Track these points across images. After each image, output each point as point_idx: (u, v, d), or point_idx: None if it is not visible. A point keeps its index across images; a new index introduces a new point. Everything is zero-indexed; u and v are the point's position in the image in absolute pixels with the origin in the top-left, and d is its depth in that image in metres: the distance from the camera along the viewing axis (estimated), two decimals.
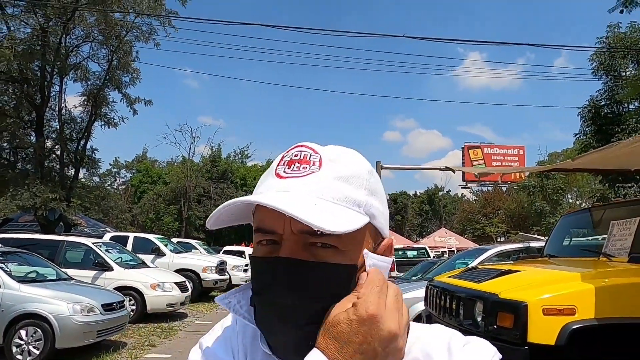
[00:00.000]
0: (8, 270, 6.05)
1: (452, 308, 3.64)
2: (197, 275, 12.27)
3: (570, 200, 28.18)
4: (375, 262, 0.56)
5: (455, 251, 18.28)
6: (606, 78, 16.98)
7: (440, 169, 5.52)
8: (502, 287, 3.18)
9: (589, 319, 2.83)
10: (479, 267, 4.80)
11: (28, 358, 5.47)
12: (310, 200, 0.53)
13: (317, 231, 0.50)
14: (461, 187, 33.67)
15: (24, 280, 6.15)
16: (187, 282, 10.15)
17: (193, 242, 17.54)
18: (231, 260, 15.66)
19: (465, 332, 0.69)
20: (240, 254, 19.67)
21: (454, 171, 5.83)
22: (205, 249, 16.62)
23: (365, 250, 0.56)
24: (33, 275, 6.64)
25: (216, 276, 12.66)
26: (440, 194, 53.43)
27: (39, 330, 5.55)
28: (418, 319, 5.13)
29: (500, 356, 0.57)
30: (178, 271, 11.28)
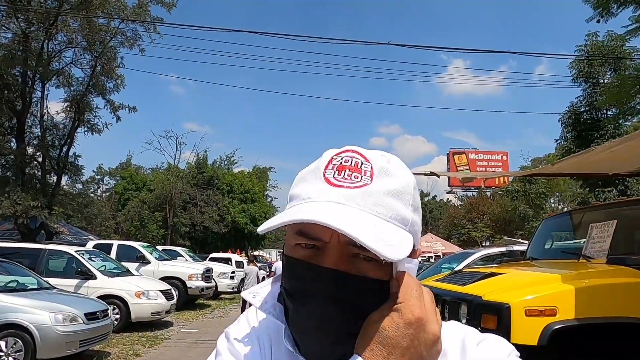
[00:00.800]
0: None
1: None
2: (183, 282, 12.14)
3: (553, 205, 28.72)
4: (407, 266, 0.56)
5: (441, 256, 18.45)
6: (585, 85, 17.45)
7: (425, 174, 5.59)
8: (485, 290, 3.23)
9: (570, 319, 2.90)
10: (464, 270, 4.87)
11: None
12: (369, 220, 0.53)
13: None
14: (447, 193, 34.10)
15: (3, 289, 6.00)
16: (172, 290, 10.03)
17: (179, 249, 17.33)
18: (217, 268, 15.54)
19: None
20: (227, 260, 19.51)
21: (438, 176, 5.91)
22: (191, 256, 16.43)
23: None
24: (13, 284, 6.48)
25: (202, 283, 12.53)
26: (426, 199, 53.88)
27: (19, 340, 5.42)
28: None
29: (518, 353, 0.56)
30: (163, 279, 11.14)
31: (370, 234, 0.50)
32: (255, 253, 37.50)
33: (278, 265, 18.87)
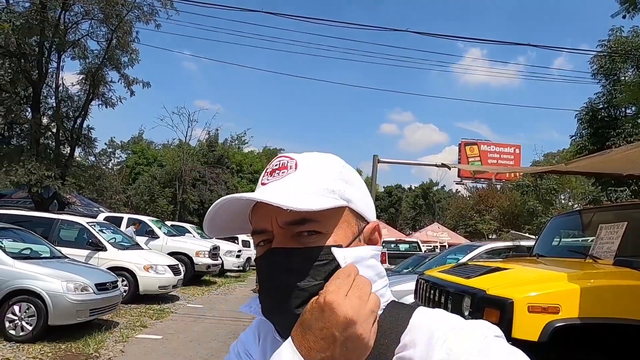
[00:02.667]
0: (2, 246, 6.08)
1: (440, 302, 3.72)
2: (190, 259, 12.34)
3: (563, 201, 28.44)
4: (346, 254, 0.59)
5: (447, 246, 18.47)
6: (605, 81, 17.04)
7: (437, 165, 5.57)
8: (490, 284, 3.26)
9: (572, 317, 2.92)
10: (469, 263, 4.90)
11: (21, 333, 5.53)
12: (283, 191, 0.60)
13: (300, 219, 0.58)
14: (456, 183, 33.90)
15: (18, 256, 6.17)
16: (179, 265, 10.22)
17: (187, 225, 17.57)
18: (224, 246, 15.74)
19: None
20: (234, 239, 19.74)
21: (449, 168, 5.89)
22: (199, 233, 16.66)
23: (333, 248, 0.59)
24: (27, 252, 6.66)
25: (209, 261, 12.74)
26: (435, 188, 53.64)
27: (32, 306, 5.60)
28: None
29: (498, 334, 0.56)
30: (171, 254, 11.33)
31: (275, 197, 0.57)
32: None
33: None
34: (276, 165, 0.65)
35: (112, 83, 16.62)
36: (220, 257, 14.20)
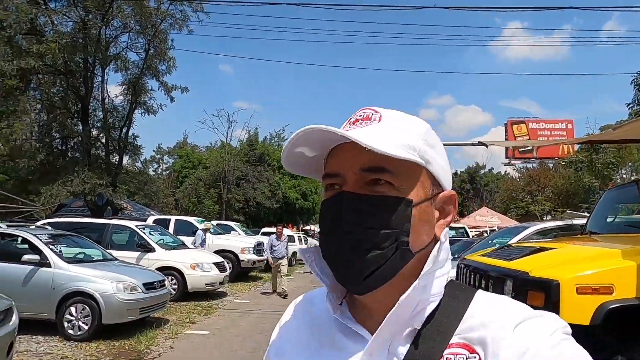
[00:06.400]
0: (58, 251, 6.46)
1: (481, 287, 3.52)
2: (236, 255, 12.64)
3: (625, 176, 26.42)
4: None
5: (497, 230, 17.71)
6: None
7: (473, 144, 5.29)
8: (533, 265, 3.03)
9: (629, 298, 2.65)
10: (513, 245, 4.61)
11: (78, 333, 5.86)
12: (365, 136, 0.58)
13: (376, 167, 0.58)
14: (504, 165, 32.37)
15: (72, 260, 6.55)
16: (225, 263, 10.47)
17: (232, 224, 18.00)
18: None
19: None
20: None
21: (486, 146, 5.57)
22: (243, 231, 17.03)
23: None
24: (81, 256, 7.06)
25: (254, 257, 12.98)
26: (482, 172, 51.71)
27: (87, 307, 5.92)
28: None
29: (567, 330, 0.56)
30: (217, 252, 11.64)
31: (356, 135, 0.56)
32: (307, 227, 38.23)
33: None
34: (360, 116, 0.64)
35: (152, 91, 17.28)
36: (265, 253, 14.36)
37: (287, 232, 21.73)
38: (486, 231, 20.58)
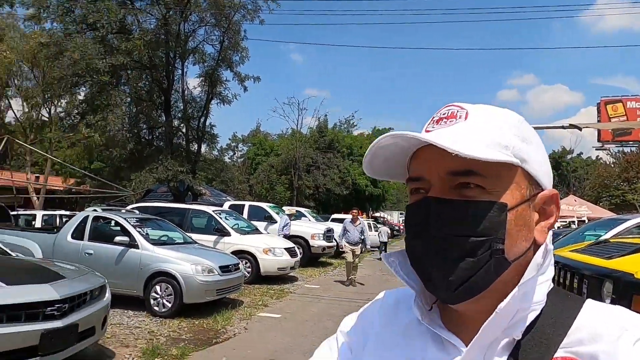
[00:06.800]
0: (145, 234, 6.99)
1: (573, 287, 3.17)
2: (306, 241, 12.86)
3: None
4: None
5: (587, 221, 16.15)
6: None
7: (563, 127, 4.77)
8: (639, 265, 2.65)
9: None
10: (612, 240, 4.11)
11: (162, 309, 6.32)
12: (451, 138, 0.54)
13: (464, 170, 0.54)
14: (595, 149, 29.32)
15: (157, 242, 7.05)
16: (296, 248, 10.69)
17: (303, 210, 18.33)
18: (339, 229, 16.04)
19: None
20: None
21: (580, 129, 5.00)
22: (314, 217, 17.26)
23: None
24: (164, 238, 7.58)
25: (324, 243, 13.12)
26: (569, 157, 47.48)
27: (170, 286, 6.35)
28: None
29: None
30: (288, 237, 11.92)
31: (440, 139, 0.52)
32: (377, 214, 37.92)
33: None
34: (444, 113, 0.60)
35: (227, 82, 18.00)
36: (335, 239, 14.44)
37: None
38: (574, 222, 18.89)
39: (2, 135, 16.32)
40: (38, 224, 13.83)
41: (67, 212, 15.30)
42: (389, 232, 20.24)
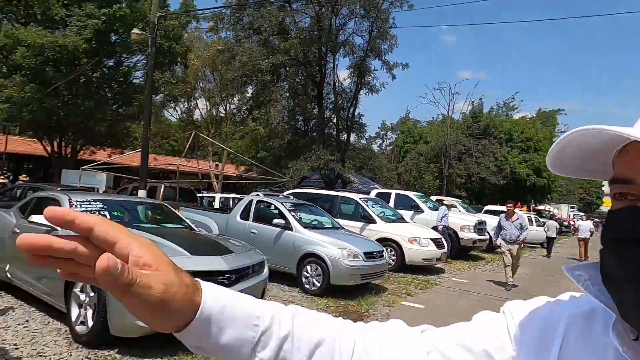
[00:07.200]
0: (298, 218, 7.66)
1: None
2: (455, 233, 12.30)
3: None
4: None
5: None
6: None
7: None
8: None
9: None
10: None
11: (312, 288, 6.87)
12: None
13: None
14: None
15: (308, 226, 7.66)
16: (443, 239, 10.33)
17: (453, 200, 17.52)
18: (492, 221, 14.87)
19: None
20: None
21: None
22: (464, 208, 16.37)
23: None
24: (315, 223, 8.17)
25: (474, 235, 12.38)
26: None
27: (319, 267, 6.85)
28: None
29: None
30: (434, 228, 11.58)
31: None
32: (540, 207, 33.83)
33: (583, 224, 16.53)
34: None
35: (375, 71, 18.22)
36: (488, 233, 13.46)
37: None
38: None
39: (190, 130, 19.68)
40: (216, 205, 16.34)
41: (238, 196, 17.71)
42: (557, 226, 17.89)
